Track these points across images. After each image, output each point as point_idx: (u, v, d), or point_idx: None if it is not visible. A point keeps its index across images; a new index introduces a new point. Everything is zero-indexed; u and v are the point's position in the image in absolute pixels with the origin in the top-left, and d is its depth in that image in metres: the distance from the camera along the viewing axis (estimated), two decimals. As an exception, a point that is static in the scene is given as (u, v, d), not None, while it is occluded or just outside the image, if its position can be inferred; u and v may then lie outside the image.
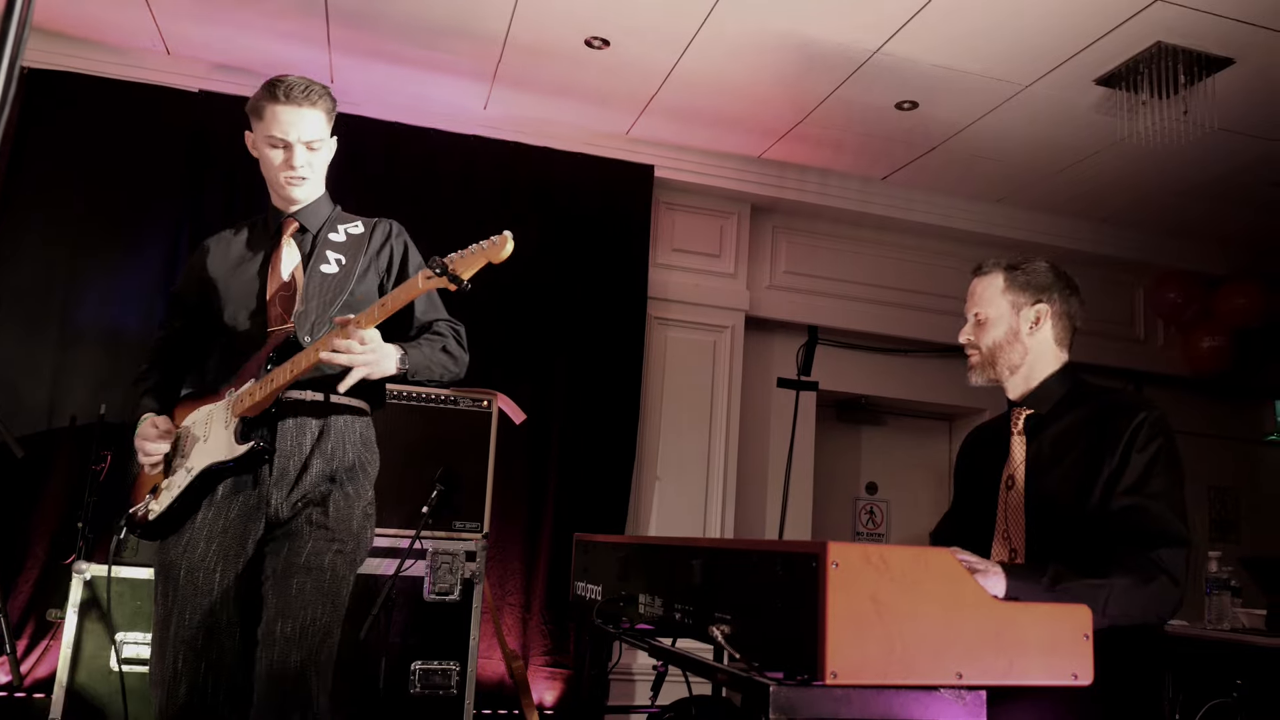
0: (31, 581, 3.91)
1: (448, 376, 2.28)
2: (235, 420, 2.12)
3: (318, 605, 2.04)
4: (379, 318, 2.03)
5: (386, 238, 2.35)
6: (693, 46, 4.00)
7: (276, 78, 2.22)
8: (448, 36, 4.07)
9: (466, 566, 3.61)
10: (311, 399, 2.17)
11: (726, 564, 1.59)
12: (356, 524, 2.17)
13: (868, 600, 1.31)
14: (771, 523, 4.97)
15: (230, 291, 2.26)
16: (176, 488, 2.13)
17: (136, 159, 4.29)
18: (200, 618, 2.03)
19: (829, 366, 5.22)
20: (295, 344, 2.13)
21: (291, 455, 2.14)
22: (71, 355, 4.10)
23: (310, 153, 2.22)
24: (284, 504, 2.12)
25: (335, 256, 2.28)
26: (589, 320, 4.67)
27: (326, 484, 2.15)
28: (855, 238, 5.45)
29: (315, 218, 2.32)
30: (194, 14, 4.04)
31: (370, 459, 2.28)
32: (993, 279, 2.22)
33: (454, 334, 2.33)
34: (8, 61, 1.03)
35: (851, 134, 4.70)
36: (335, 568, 2.10)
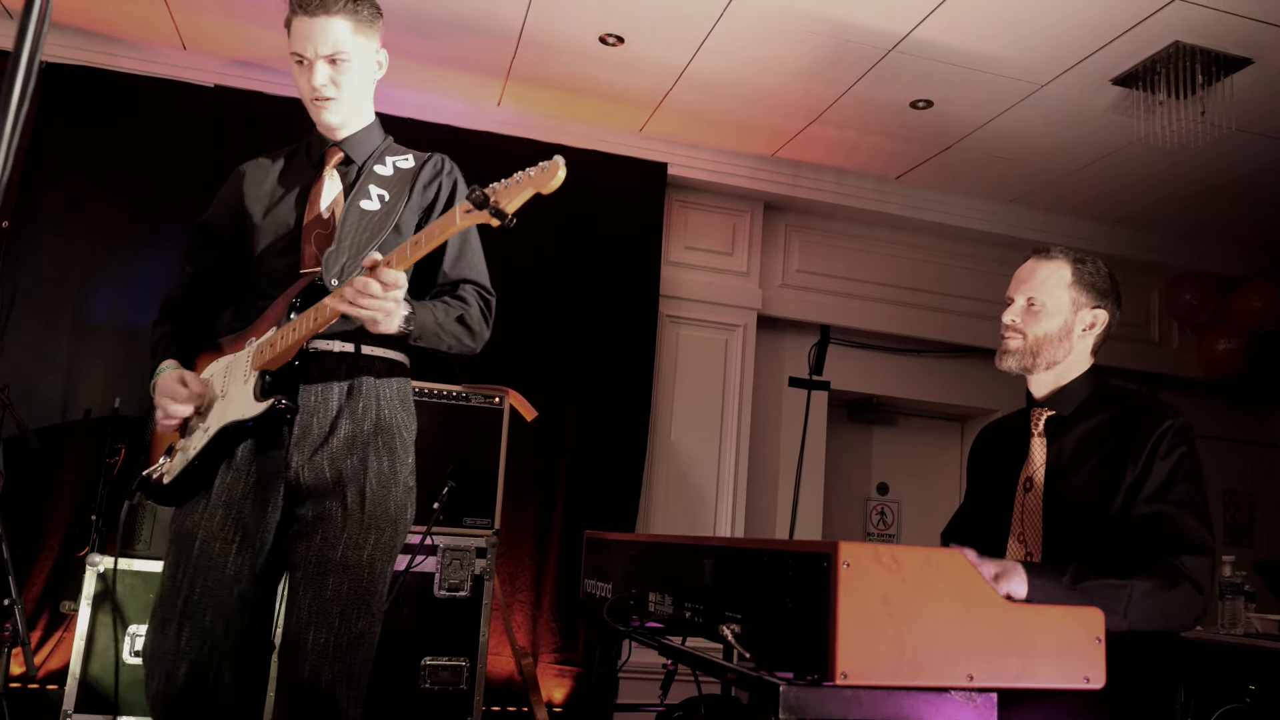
0: (45, 573, 3.94)
1: (457, 349, 2.01)
2: (255, 374, 1.90)
3: (355, 611, 1.86)
4: (412, 258, 1.78)
5: (437, 173, 2.09)
6: (707, 44, 3.99)
7: None
8: (461, 33, 4.08)
9: (477, 563, 3.61)
10: (340, 350, 1.94)
11: (737, 563, 1.59)
12: (395, 506, 1.94)
13: (879, 601, 1.31)
14: (782, 522, 4.96)
15: (264, 225, 2.04)
16: (193, 449, 1.93)
17: (152, 153, 4.31)
18: (212, 592, 1.84)
19: (841, 366, 5.20)
20: (321, 289, 1.89)
21: (315, 413, 1.91)
22: (87, 348, 4.12)
23: (332, 68, 1.96)
24: (305, 467, 1.89)
25: (378, 192, 2.02)
26: (601, 318, 4.67)
27: (360, 453, 1.91)
28: (869, 237, 5.43)
29: (362, 148, 2.07)
30: (210, 9, 4.06)
31: (408, 420, 2.02)
32: (1058, 268, 2.10)
33: (481, 303, 2.05)
34: (26, 56, 1.04)
35: (866, 133, 4.69)
36: (374, 563, 1.90)
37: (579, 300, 4.66)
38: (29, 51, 1.04)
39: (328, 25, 1.93)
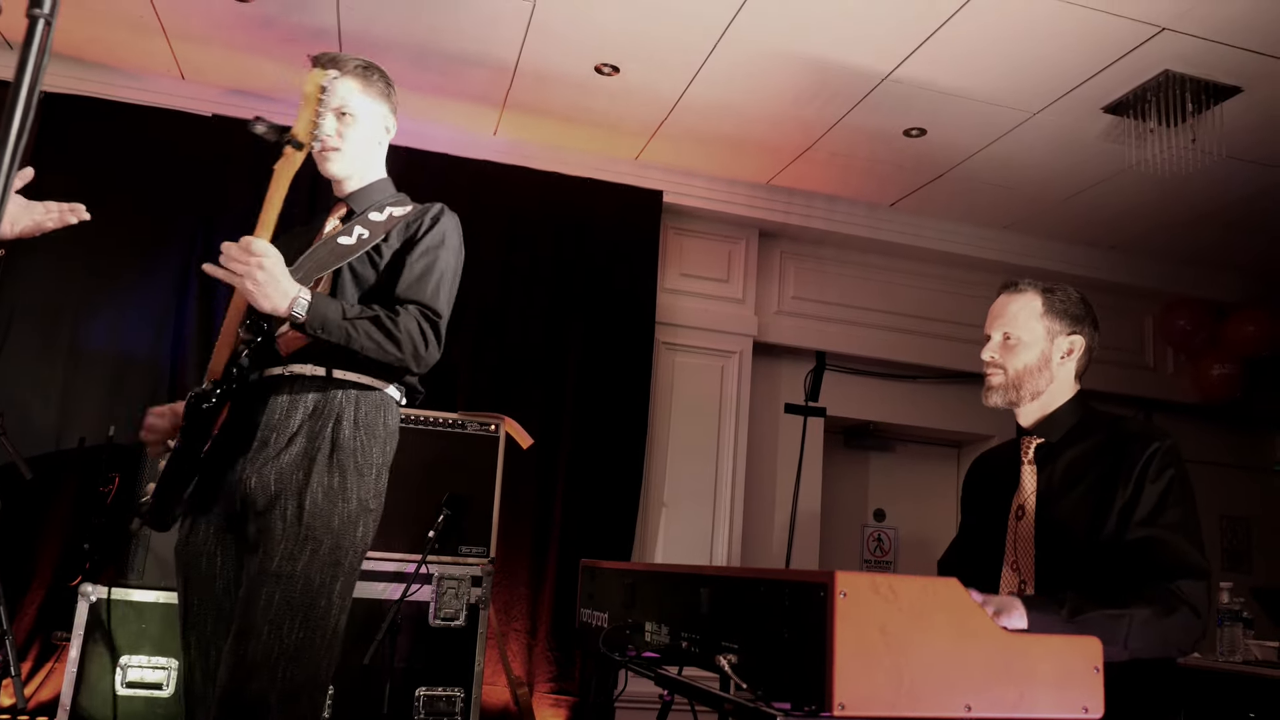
0: (37, 603, 3.90)
1: (371, 353, 1.94)
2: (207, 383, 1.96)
3: (286, 621, 1.82)
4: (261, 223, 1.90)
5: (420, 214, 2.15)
6: (702, 73, 4.02)
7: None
8: (458, 64, 4.11)
9: (472, 592, 3.59)
10: (312, 373, 1.98)
11: (734, 593, 1.59)
12: (340, 521, 1.92)
13: (876, 630, 1.30)
14: (779, 549, 4.95)
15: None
16: (160, 472, 1.99)
17: (149, 182, 4.32)
18: (209, 605, 1.94)
19: (836, 392, 5.21)
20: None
21: (276, 429, 1.95)
22: (81, 377, 4.11)
23: (339, 121, 2.08)
24: (252, 478, 1.91)
25: (360, 231, 2.09)
26: (597, 344, 4.68)
27: (305, 469, 1.92)
28: (863, 263, 5.46)
29: (364, 201, 2.16)
30: (208, 39, 4.09)
31: (369, 443, 2.00)
32: (1028, 300, 2.13)
33: (420, 319, 2.00)
34: (27, 87, 1.04)
35: (860, 160, 4.72)
36: (310, 574, 1.86)
37: (575, 327, 4.66)
38: (29, 83, 1.05)
39: (338, 83, 2.03)
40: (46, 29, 1.06)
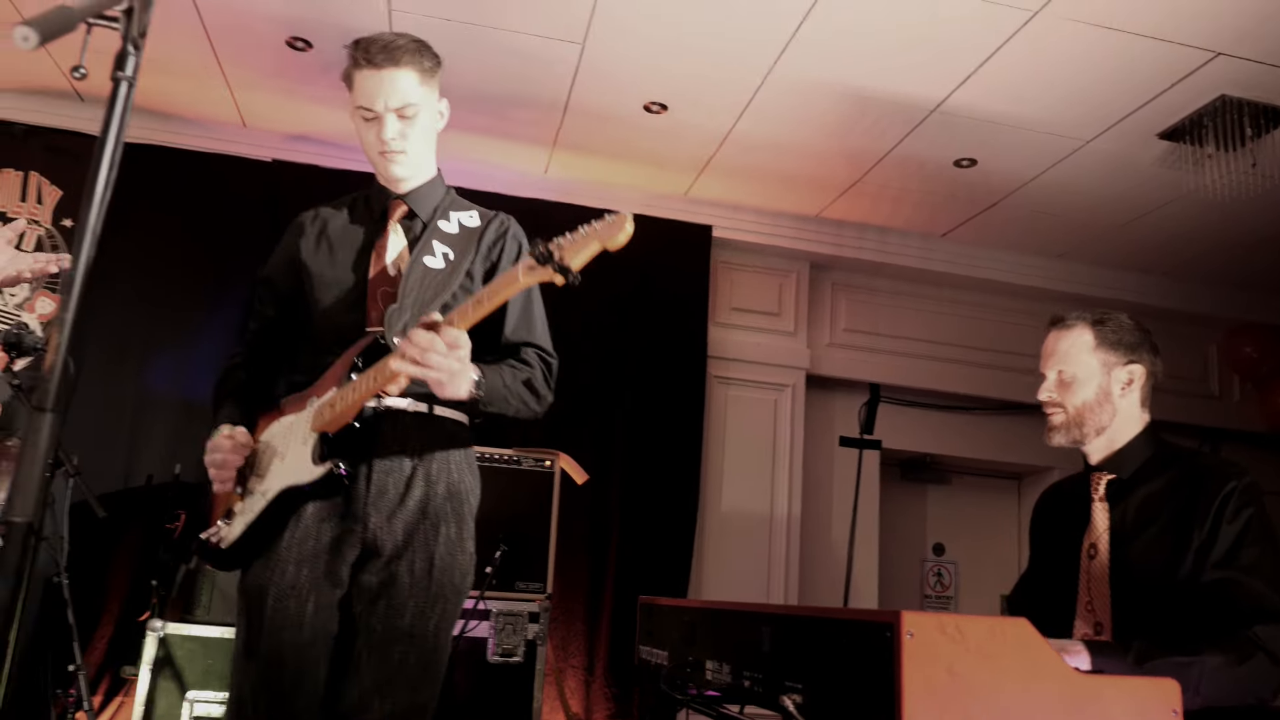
0: (107, 638, 4.00)
1: (523, 415, 1.94)
2: (314, 436, 1.82)
3: (420, 681, 1.82)
4: (474, 317, 1.69)
5: (501, 234, 2.04)
6: (750, 109, 4.05)
7: (360, 38, 1.93)
8: (510, 105, 4.19)
9: (530, 628, 3.60)
10: (414, 409, 1.87)
11: (796, 632, 1.57)
12: (459, 575, 1.90)
13: (944, 672, 1.29)
14: (836, 584, 4.89)
15: (326, 280, 1.97)
16: (251, 512, 1.86)
17: (212, 226, 4.44)
18: (287, 652, 1.78)
19: (892, 425, 5.16)
20: (384, 348, 1.81)
21: (390, 472, 1.85)
22: (148, 417, 4.23)
23: (402, 121, 1.92)
24: (383, 529, 1.83)
25: (444, 250, 1.96)
26: (650, 380, 4.69)
27: (432, 519, 1.86)
28: (916, 294, 5.42)
29: (427, 202, 2.02)
30: (268, 87, 4.21)
31: (474, 486, 1.98)
32: (1079, 334, 2.08)
33: (543, 367, 1.99)
34: (111, 144, 1.09)
35: (910, 191, 4.70)
36: (439, 634, 1.85)
37: (627, 363, 4.68)
38: (114, 140, 1.10)
39: (396, 78, 1.90)
40: (129, 89, 1.12)
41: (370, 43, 1.90)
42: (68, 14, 0.96)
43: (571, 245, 1.61)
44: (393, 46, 1.89)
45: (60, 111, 4.43)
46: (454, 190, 2.10)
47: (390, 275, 1.94)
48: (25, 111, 4.41)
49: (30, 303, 4.27)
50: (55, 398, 0.96)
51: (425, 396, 1.85)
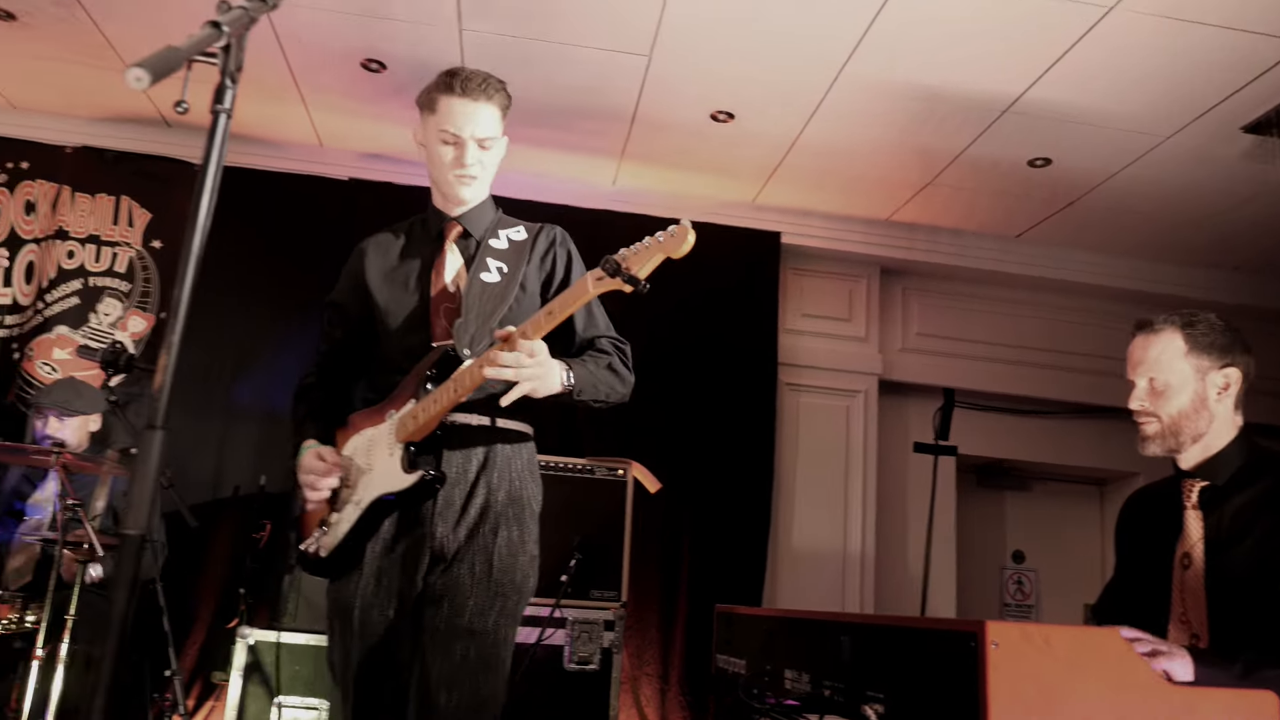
0: (198, 644, 4.14)
1: (614, 397, 2.06)
2: (400, 446, 1.95)
3: (481, 675, 1.91)
4: (546, 327, 1.83)
5: (550, 245, 2.17)
6: (818, 114, 4.04)
7: (454, 69, 2.08)
8: (578, 118, 4.24)
9: (605, 636, 3.62)
10: (477, 422, 2.00)
11: (878, 641, 1.57)
12: (520, 574, 2.00)
13: (1031, 682, 1.27)
14: (912, 593, 4.82)
15: (390, 300, 2.10)
16: (346, 522, 1.99)
17: (292, 245, 4.57)
18: (376, 659, 1.94)
19: (967, 430, 5.06)
20: (455, 359, 1.95)
21: (456, 484, 1.97)
22: (235, 430, 4.37)
23: (482, 151, 2.07)
24: (449, 537, 1.95)
25: (497, 264, 2.09)
26: (720, 388, 4.69)
27: (492, 523, 1.98)
28: (990, 297, 5.32)
29: (480, 222, 2.15)
30: (344, 108, 4.33)
31: (535, 492, 2.09)
32: (1169, 339, 2.00)
33: (618, 351, 2.12)
34: (213, 172, 1.15)
35: (983, 193, 4.63)
36: (499, 629, 1.95)
37: (698, 371, 4.68)
38: (215, 168, 1.16)
39: (483, 110, 2.05)
40: (227, 121, 1.17)
41: (466, 75, 2.05)
42: (175, 53, 1.01)
43: (636, 256, 1.75)
44: (485, 83, 2.06)
45: (147, 137, 4.61)
46: (501, 210, 2.23)
47: (450, 292, 2.07)
48: (115, 139, 4.60)
49: (123, 321, 4.45)
50: (165, 416, 1.01)
51: (487, 409, 1.99)
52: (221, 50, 1.12)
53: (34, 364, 4.32)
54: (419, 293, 2.08)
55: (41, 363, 4.33)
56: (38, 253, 4.47)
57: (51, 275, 4.42)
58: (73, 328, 4.40)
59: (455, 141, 2.06)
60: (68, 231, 4.47)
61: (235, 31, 1.12)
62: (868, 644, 1.59)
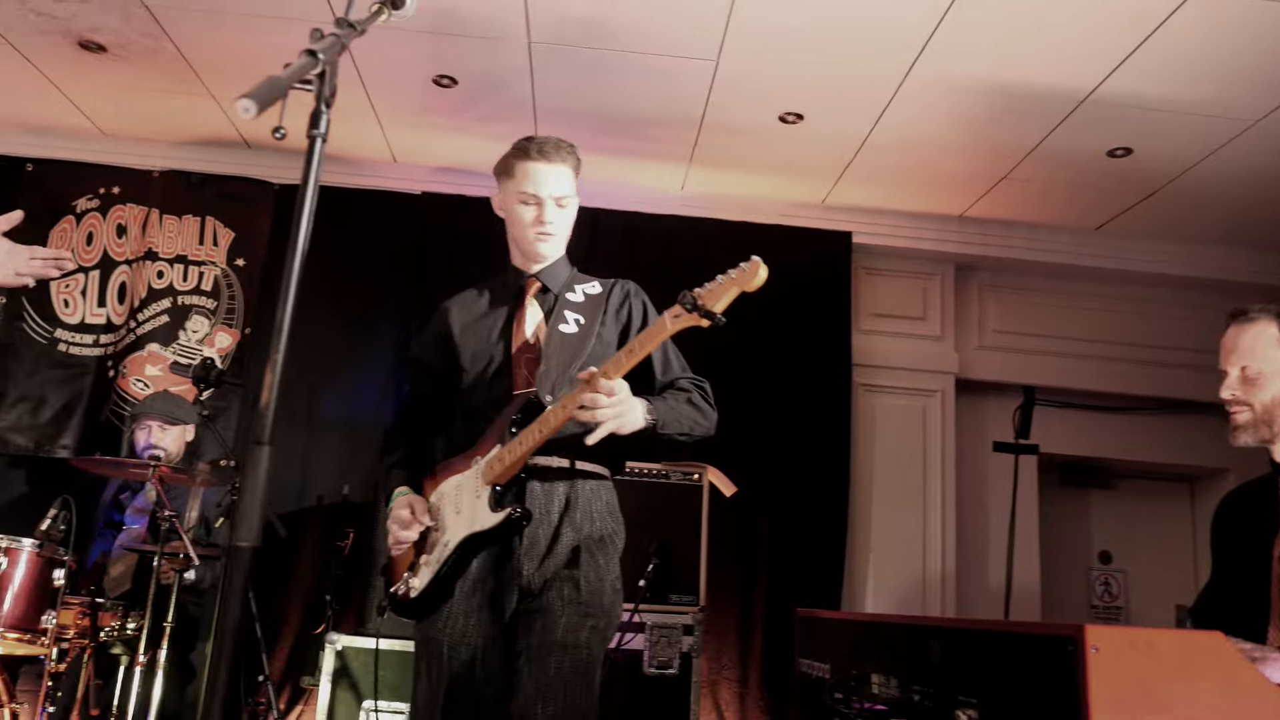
0: (287, 650, 4.26)
1: (698, 431, 2.15)
2: (487, 489, 2.05)
3: (577, 687, 1.97)
4: (626, 366, 1.93)
5: (625, 298, 2.30)
6: (888, 111, 3.99)
7: (528, 136, 2.24)
8: (646, 125, 4.26)
9: (684, 640, 3.63)
10: (557, 465, 2.10)
11: (969, 645, 1.55)
12: (608, 600, 2.08)
13: (1134, 688, 1.24)
14: (996, 594, 4.72)
15: (474, 353, 2.22)
16: (435, 563, 2.08)
17: (368, 259, 4.68)
18: (466, 694, 2.01)
19: (1049, 428, 4.95)
20: (538, 405, 2.06)
21: (540, 523, 2.07)
22: (318, 442, 4.48)
23: (559, 209, 2.21)
24: (535, 574, 2.04)
25: (574, 316, 2.22)
26: (794, 390, 4.66)
27: (577, 555, 2.06)
28: (1070, 291, 5.19)
29: (556, 278, 2.28)
30: (416, 124, 4.42)
31: (617, 529, 2.18)
32: (1262, 328, 2.00)
33: (698, 389, 2.22)
34: (311, 193, 1.19)
35: (1060, 185, 4.53)
36: (591, 645, 2.02)
37: (771, 374, 4.66)
38: (312, 188, 1.20)
39: (559, 172, 2.20)
40: (322, 145, 1.21)
41: (542, 141, 2.21)
42: (277, 83, 1.06)
43: (711, 293, 1.85)
44: (559, 147, 2.21)
45: (229, 159, 4.76)
46: (576, 268, 2.36)
47: (531, 343, 2.20)
48: (199, 161, 4.76)
49: (210, 337, 4.60)
50: (270, 431, 1.05)
51: (567, 451, 2.09)
52: (317, 77, 1.17)
53: (128, 380, 4.50)
54: (502, 344, 2.21)
55: (135, 379, 4.50)
56: (129, 274, 4.64)
57: (142, 295, 4.60)
58: (163, 345, 4.57)
59: (535, 201, 2.19)
60: (157, 252, 4.64)
61: (329, 59, 1.16)
62: (959, 649, 1.57)
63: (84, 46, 3.92)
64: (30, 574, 3.04)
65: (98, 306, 4.62)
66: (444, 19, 3.57)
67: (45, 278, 2.15)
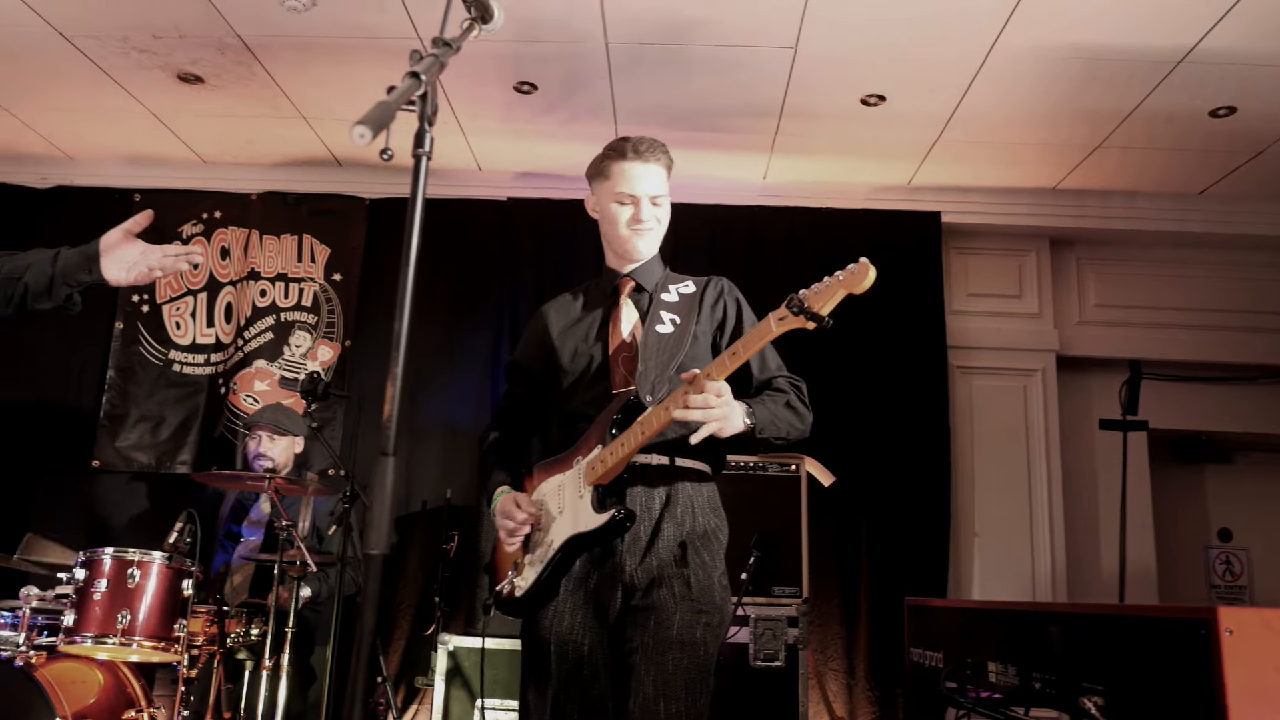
0: (400, 652, 4.38)
1: (794, 434, 2.14)
2: (590, 489, 2.07)
3: (697, 686, 1.96)
4: (730, 367, 1.91)
5: (719, 295, 2.29)
6: (973, 88, 3.90)
7: (622, 137, 2.26)
8: (725, 116, 4.25)
9: (789, 632, 3.62)
10: (657, 463, 2.10)
11: (1092, 631, 1.52)
12: (718, 596, 2.07)
13: (1273, 672, 1.20)
14: (1109, 578, 4.58)
15: (571, 355, 2.25)
16: (540, 563, 2.10)
17: (457, 267, 4.77)
18: (575, 692, 2.02)
19: (1157, 403, 4.78)
20: (638, 405, 2.07)
21: (641, 521, 2.07)
22: (419, 448, 4.60)
23: (654, 208, 2.24)
24: (638, 570, 2.04)
25: (670, 316, 2.23)
26: (889, 376, 4.59)
27: (681, 552, 2.06)
28: (1174, 260, 5.00)
29: (650, 276, 2.30)
30: (499, 131, 4.49)
31: (720, 526, 2.17)
32: None
33: (795, 390, 2.21)
34: (419, 207, 1.23)
35: (1159, 150, 4.36)
36: (706, 643, 2.00)
37: (865, 361, 4.60)
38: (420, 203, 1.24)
39: (654, 171, 2.23)
40: (427, 162, 1.25)
41: (636, 141, 2.23)
42: (387, 106, 1.10)
43: (818, 295, 1.81)
44: (653, 146, 2.23)
45: (321, 178, 4.92)
46: (668, 268, 2.37)
47: (627, 343, 2.21)
48: (293, 181, 4.93)
49: (312, 351, 4.76)
50: (395, 443, 1.09)
51: (668, 449, 2.09)
52: (419, 98, 1.20)
53: (239, 396, 4.69)
54: (599, 344, 2.23)
55: (245, 395, 4.69)
56: (234, 294, 4.84)
57: (247, 314, 4.78)
58: (269, 361, 4.75)
59: (631, 201, 2.22)
60: (259, 272, 4.83)
61: (430, 79, 1.20)
62: (1081, 634, 1.54)
63: (183, 79, 4.10)
64: (161, 585, 3.19)
65: (207, 327, 4.82)
66: (523, 27, 3.62)
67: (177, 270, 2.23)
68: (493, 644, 3.65)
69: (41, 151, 4.87)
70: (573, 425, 2.19)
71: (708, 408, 1.89)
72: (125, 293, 4.81)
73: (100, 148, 4.84)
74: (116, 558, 3.16)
